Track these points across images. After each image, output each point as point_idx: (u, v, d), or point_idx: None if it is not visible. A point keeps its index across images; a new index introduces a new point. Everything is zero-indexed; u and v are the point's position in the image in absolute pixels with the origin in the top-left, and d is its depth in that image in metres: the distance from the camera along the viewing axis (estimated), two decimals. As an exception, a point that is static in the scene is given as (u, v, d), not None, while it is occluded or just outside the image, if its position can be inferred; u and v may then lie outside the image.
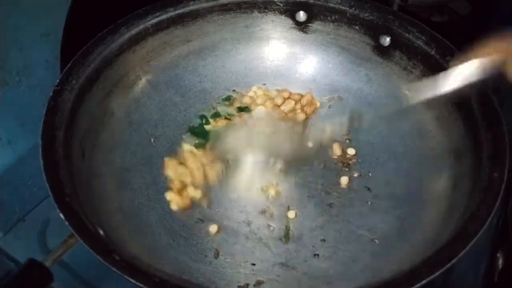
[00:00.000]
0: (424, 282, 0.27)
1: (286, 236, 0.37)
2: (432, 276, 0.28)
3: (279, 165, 0.40)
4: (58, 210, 0.30)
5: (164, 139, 0.43)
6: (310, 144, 0.41)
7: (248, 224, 0.38)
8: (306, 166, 0.41)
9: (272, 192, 0.40)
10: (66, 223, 0.30)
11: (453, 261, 0.28)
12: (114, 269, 0.28)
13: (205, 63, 0.47)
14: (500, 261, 0.40)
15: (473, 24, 0.54)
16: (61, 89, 0.37)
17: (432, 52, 0.41)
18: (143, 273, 0.28)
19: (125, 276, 0.28)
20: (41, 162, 0.32)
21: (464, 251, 0.29)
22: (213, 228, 0.38)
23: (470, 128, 0.38)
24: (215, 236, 0.38)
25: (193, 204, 0.39)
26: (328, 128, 0.41)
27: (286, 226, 0.38)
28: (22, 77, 0.45)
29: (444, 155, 0.39)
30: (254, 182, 0.40)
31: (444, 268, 0.28)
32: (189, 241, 0.37)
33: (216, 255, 0.36)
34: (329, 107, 0.45)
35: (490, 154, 0.34)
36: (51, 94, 0.36)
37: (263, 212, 0.39)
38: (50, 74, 0.46)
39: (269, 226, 0.38)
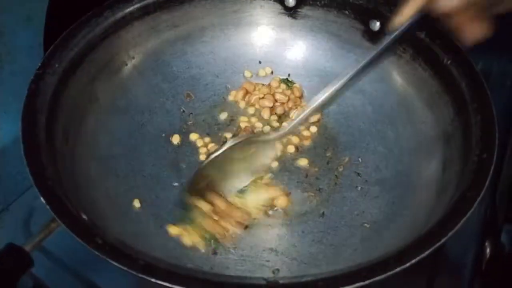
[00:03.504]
0: (414, 261, 0.27)
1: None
2: (422, 255, 0.27)
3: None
4: (39, 194, 0.29)
5: (151, 126, 0.43)
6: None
7: (237, 210, 0.38)
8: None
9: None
10: (47, 207, 0.29)
11: (443, 240, 0.28)
12: (97, 253, 0.27)
13: (193, 49, 0.46)
14: (488, 250, 0.40)
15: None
16: (43, 72, 0.36)
17: (422, 36, 0.41)
18: (127, 256, 0.28)
19: (109, 260, 0.27)
20: (22, 145, 0.31)
21: (454, 230, 0.28)
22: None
23: (459, 111, 0.37)
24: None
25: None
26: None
27: None
28: (4, 64, 0.44)
29: (434, 139, 0.39)
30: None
31: (434, 247, 0.28)
32: (177, 228, 0.37)
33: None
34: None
35: (479, 137, 0.34)
36: (33, 77, 0.35)
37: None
38: (33, 60, 0.45)
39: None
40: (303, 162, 0.41)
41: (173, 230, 0.36)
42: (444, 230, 0.29)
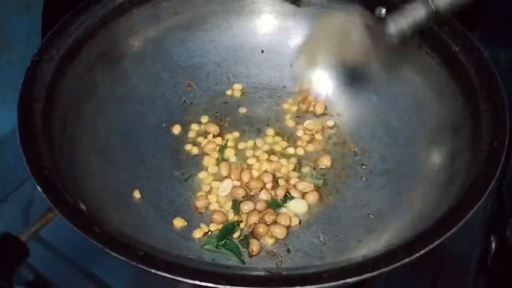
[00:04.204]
0: (423, 252, 0.26)
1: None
2: (431, 246, 0.26)
3: None
4: (35, 182, 0.28)
5: (152, 115, 0.42)
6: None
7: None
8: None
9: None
10: (44, 195, 0.28)
11: (453, 230, 0.27)
12: (95, 242, 0.26)
13: (194, 37, 0.45)
14: (494, 245, 0.40)
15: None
16: (39, 59, 0.35)
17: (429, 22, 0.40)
18: (126, 246, 0.27)
19: (107, 250, 0.26)
20: (18, 132, 0.31)
21: (464, 220, 0.28)
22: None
23: (468, 99, 0.36)
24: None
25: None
26: None
27: None
28: (1, 52, 0.43)
29: (441, 129, 0.38)
30: None
31: (443, 238, 0.27)
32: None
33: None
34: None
35: (489, 124, 0.33)
36: (29, 63, 0.35)
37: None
38: (31, 49, 0.43)
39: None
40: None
41: (178, 222, 0.35)
42: (453, 221, 0.28)
